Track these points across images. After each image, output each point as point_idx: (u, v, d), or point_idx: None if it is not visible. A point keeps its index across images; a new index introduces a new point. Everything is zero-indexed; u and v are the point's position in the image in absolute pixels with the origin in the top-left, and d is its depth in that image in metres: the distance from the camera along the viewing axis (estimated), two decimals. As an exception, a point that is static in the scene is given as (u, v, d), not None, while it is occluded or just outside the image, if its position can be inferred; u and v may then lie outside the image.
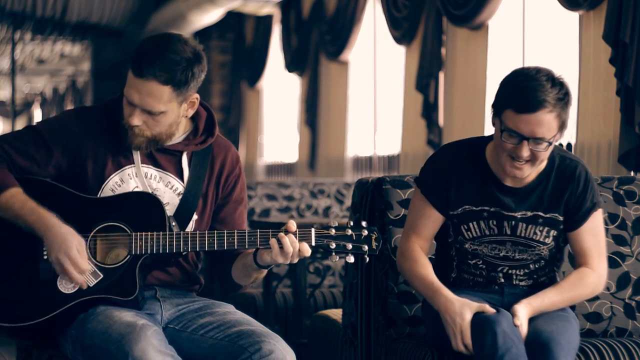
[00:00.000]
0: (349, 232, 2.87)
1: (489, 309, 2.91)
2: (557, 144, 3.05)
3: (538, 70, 2.93)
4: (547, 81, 2.90)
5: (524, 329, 2.92)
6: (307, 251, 2.83)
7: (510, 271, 3.11)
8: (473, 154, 3.11)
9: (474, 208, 3.08)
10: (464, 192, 3.08)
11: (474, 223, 3.08)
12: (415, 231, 3.13)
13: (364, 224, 2.89)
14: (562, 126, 2.94)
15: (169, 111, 2.86)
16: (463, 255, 3.12)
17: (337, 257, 2.87)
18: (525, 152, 2.93)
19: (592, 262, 3.08)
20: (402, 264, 3.13)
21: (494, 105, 2.99)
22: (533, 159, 2.96)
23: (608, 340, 3.31)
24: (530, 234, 3.07)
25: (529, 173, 3.02)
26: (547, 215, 3.07)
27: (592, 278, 3.07)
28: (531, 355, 2.88)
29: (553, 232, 3.08)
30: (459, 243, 3.11)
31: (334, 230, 2.87)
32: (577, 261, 3.12)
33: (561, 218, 3.08)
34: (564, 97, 2.91)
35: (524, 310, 2.95)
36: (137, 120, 2.85)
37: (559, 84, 2.91)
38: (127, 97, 2.85)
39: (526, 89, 2.89)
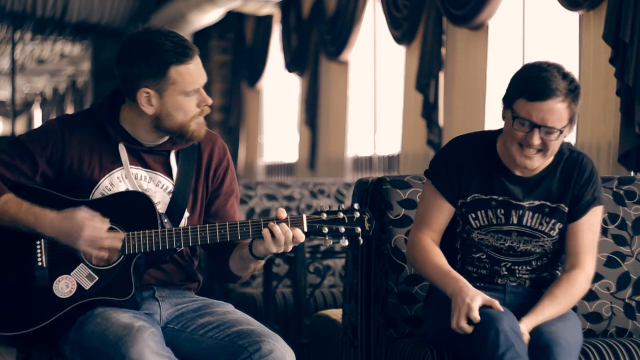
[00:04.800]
0: (341, 215, 2.83)
1: (497, 306, 2.93)
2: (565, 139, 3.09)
3: (549, 64, 3.02)
4: (558, 73, 2.98)
5: (525, 340, 2.94)
6: (301, 237, 2.80)
7: (513, 267, 3.13)
8: (483, 145, 3.15)
9: (483, 196, 3.11)
10: (474, 181, 3.12)
11: (482, 212, 3.11)
12: (425, 223, 3.14)
13: (355, 206, 2.85)
14: (572, 118, 3.00)
15: None
16: (468, 248, 3.14)
17: (331, 241, 2.85)
18: (537, 140, 2.98)
19: (584, 260, 3.10)
20: (413, 255, 3.13)
21: (505, 97, 3.05)
22: (544, 149, 3.01)
23: (608, 340, 3.30)
24: (536, 224, 3.10)
25: (539, 164, 3.06)
26: (554, 205, 3.10)
27: (582, 280, 3.09)
28: (533, 356, 2.89)
29: (558, 225, 3.11)
30: (466, 232, 3.13)
31: (325, 215, 2.83)
32: (569, 260, 3.12)
33: (567, 209, 3.11)
34: (574, 90, 2.99)
35: (525, 328, 2.97)
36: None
37: (570, 78, 3.00)
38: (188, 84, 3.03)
39: (538, 79, 2.97)
